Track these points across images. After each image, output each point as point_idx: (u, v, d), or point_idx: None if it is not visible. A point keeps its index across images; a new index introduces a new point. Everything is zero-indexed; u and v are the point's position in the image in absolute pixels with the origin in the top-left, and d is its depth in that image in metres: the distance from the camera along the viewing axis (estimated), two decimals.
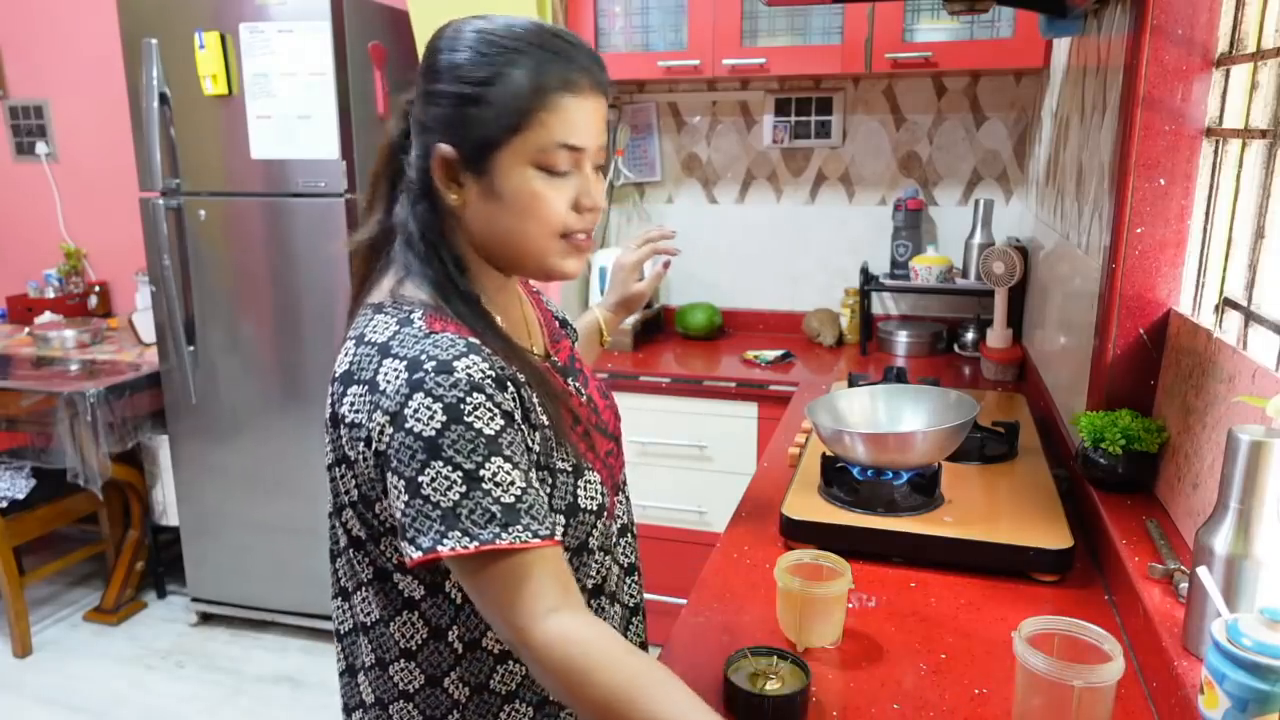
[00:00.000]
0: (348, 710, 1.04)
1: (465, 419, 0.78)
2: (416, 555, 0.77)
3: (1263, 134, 1.09)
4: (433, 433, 0.77)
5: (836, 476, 1.46)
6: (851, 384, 1.92)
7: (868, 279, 2.64)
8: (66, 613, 3.09)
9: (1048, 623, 0.93)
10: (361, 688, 0.99)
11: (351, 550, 0.92)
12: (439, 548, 0.76)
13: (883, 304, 2.92)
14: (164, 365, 2.77)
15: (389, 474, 0.79)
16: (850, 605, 1.15)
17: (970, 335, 2.61)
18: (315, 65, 2.43)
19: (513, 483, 0.79)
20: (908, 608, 1.18)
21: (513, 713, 0.93)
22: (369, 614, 0.93)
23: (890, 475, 1.39)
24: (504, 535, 0.77)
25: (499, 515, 0.77)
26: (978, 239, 2.61)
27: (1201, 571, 0.84)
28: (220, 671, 2.74)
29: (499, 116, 0.83)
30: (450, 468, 0.77)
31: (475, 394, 0.79)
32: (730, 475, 2.47)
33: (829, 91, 2.81)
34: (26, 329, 3.24)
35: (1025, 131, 2.68)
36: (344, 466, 0.86)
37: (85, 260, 3.60)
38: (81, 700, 2.61)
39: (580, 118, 0.85)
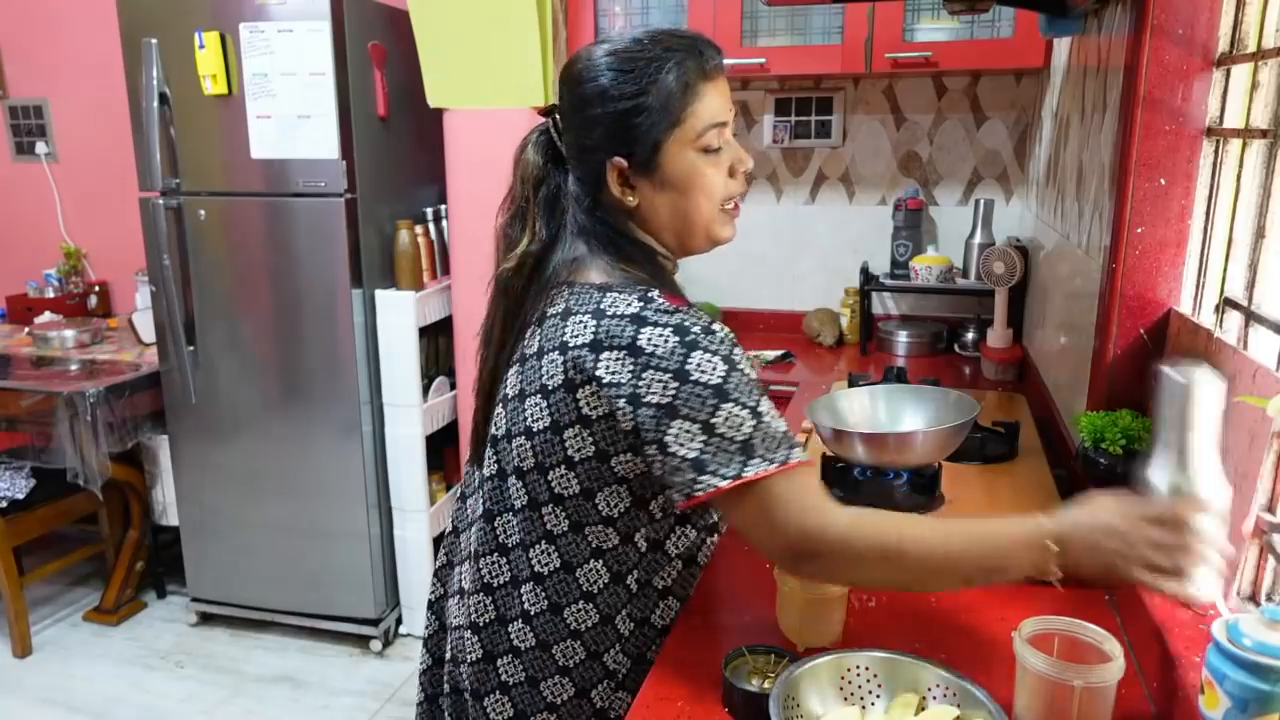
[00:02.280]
0: (490, 658, 1.10)
1: (739, 367, 0.92)
2: (724, 484, 0.89)
3: (1263, 134, 1.09)
4: (719, 380, 0.90)
5: (837, 476, 1.46)
6: (851, 384, 1.92)
7: (868, 279, 2.64)
8: (66, 613, 3.09)
9: (1048, 623, 0.93)
10: (515, 633, 1.08)
11: (549, 506, 1.03)
12: (745, 473, 0.89)
13: (883, 304, 2.92)
14: (164, 365, 2.77)
15: (675, 421, 0.90)
16: (850, 605, 1.14)
17: (970, 335, 2.61)
18: (315, 65, 2.43)
19: (777, 415, 0.93)
20: (908, 608, 1.18)
21: (662, 644, 1.08)
22: (547, 564, 1.05)
23: (890, 475, 1.39)
24: (792, 456, 0.90)
25: (783, 441, 0.91)
26: (978, 239, 2.61)
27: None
28: (220, 671, 2.74)
29: (658, 119, 0.97)
30: (739, 407, 0.90)
31: (738, 348, 0.94)
32: None
33: (829, 91, 2.81)
34: (26, 329, 3.24)
35: (1025, 131, 2.68)
36: (577, 427, 0.97)
37: (85, 260, 3.60)
38: (81, 700, 2.61)
39: (719, 99, 0.99)
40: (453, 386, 2.86)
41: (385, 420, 2.70)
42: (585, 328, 0.95)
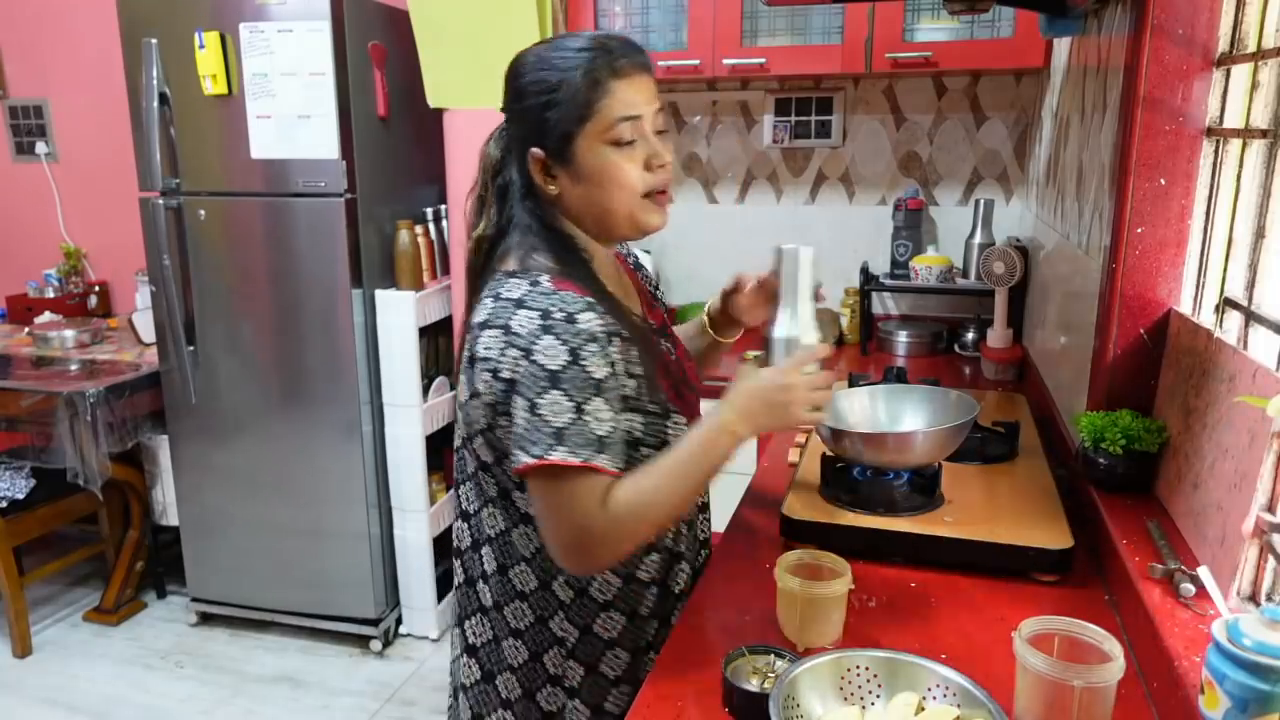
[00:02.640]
0: (461, 620, 1.21)
1: (582, 362, 0.98)
2: (529, 461, 0.97)
3: (1263, 134, 1.09)
4: (556, 368, 0.97)
5: (836, 476, 1.46)
6: (851, 384, 1.92)
7: (868, 279, 2.64)
8: (66, 613, 3.09)
9: (1048, 623, 0.93)
10: (480, 593, 1.17)
11: (480, 473, 1.12)
12: (548, 456, 0.96)
13: (883, 304, 2.92)
14: (164, 365, 2.77)
15: (514, 396, 0.99)
16: (850, 605, 1.14)
17: (970, 335, 2.61)
18: (315, 65, 2.43)
19: (604, 422, 0.99)
20: (908, 608, 1.18)
21: (607, 620, 1.13)
22: (494, 527, 1.14)
23: (890, 475, 1.39)
24: (596, 459, 0.98)
25: (595, 443, 0.98)
26: (978, 239, 2.61)
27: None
28: (220, 672, 2.74)
29: (568, 112, 1.03)
30: (565, 397, 0.97)
31: (591, 344, 0.99)
32: (730, 475, 2.45)
33: (829, 91, 2.81)
34: (26, 329, 3.24)
35: (1025, 131, 2.68)
36: (477, 398, 1.04)
37: (85, 260, 3.60)
38: (81, 700, 2.61)
39: (630, 94, 1.04)
40: (453, 386, 2.86)
41: (385, 420, 2.70)
42: (483, 309, 1.04)
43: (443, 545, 2.75)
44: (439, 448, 2.86)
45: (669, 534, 1.18)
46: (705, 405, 1.13)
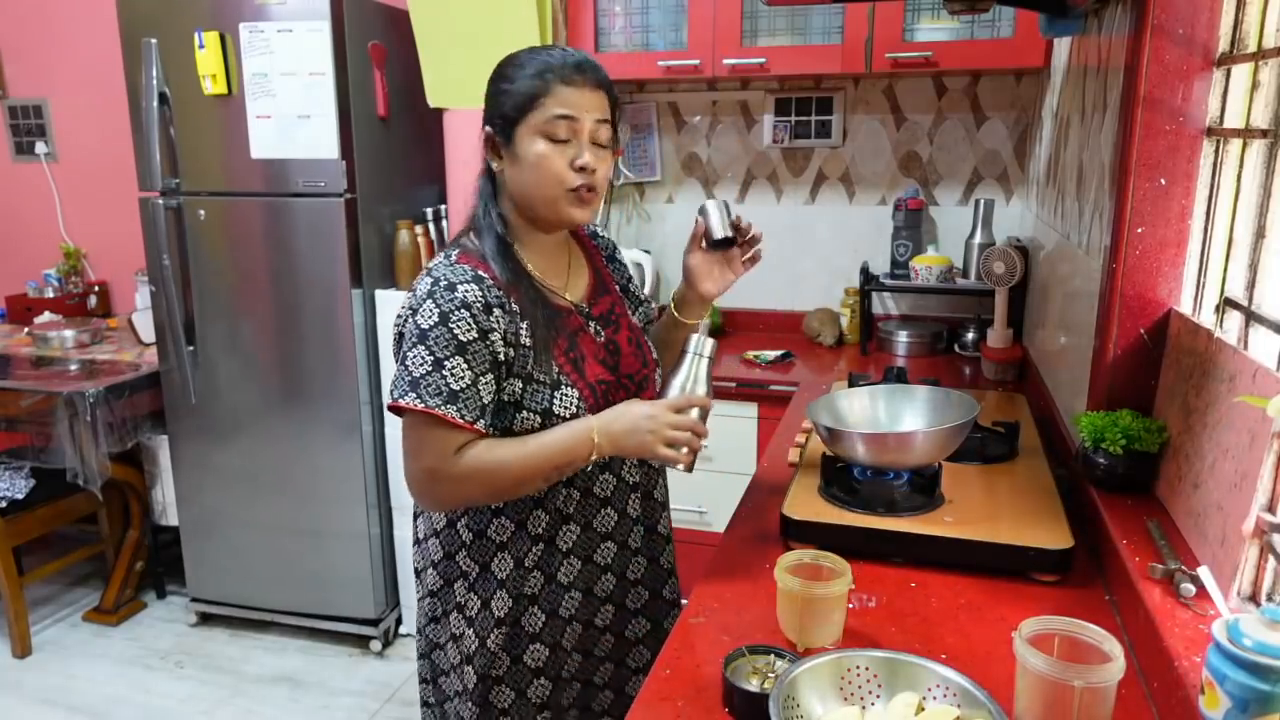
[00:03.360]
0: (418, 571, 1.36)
1: (449, 324, 1.13)
2: (389, 401, 1.15)
3: (1263, 134, 1.09)
4: (428, 326, 1.13)
5: (837, 476, 1.46)
6: (851, 384, 1.92)
7: (868, 279, 2.64)
8: (66, 613, 3.09)
9: (1048, 623, 0.93)
10: (419, 526, 1.35)
11: None
12: (401, 400, 1.13)
13: (883, 304, 2.92)
14: (164, 365, 2.77)
15: (399, 349, 1.17)
16: (850, 605, 1.14)
17: (970, 335, 2.61)
18: (315, 65, 2.43)
19: (462, 379, 1.13)
20: (908, 608, 1.18)
21: (502, 560, 1.25)
22: None
23: (890, 475, 1.39)
24: (448, 410, 1.12)
25: (449, 397, 1.12)
26: (978, 239, 2.61)
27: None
28: (220, 672, 2.74)
29: (516, 101, 1.17)
30: (428, 353, 1.13)
31: (462, 310, 1.13)
32: (730, 475, 2.47)
33: (829, 91, 2.81)
34: (26, 329, 3.24)
35: (1025, 131, 2.68)
36: None
37: (85, 260, 3.60)
38: (81, 700, 2.61)
39: (573, 99, 1.16)
40: None
41: (385, 420, 2.70)
42: (414, 295, 1.18)
43: None
44: None
45: (560, 495, 1.26)
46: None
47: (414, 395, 1.12)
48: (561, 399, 1.20)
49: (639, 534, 1.36)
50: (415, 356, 1.13)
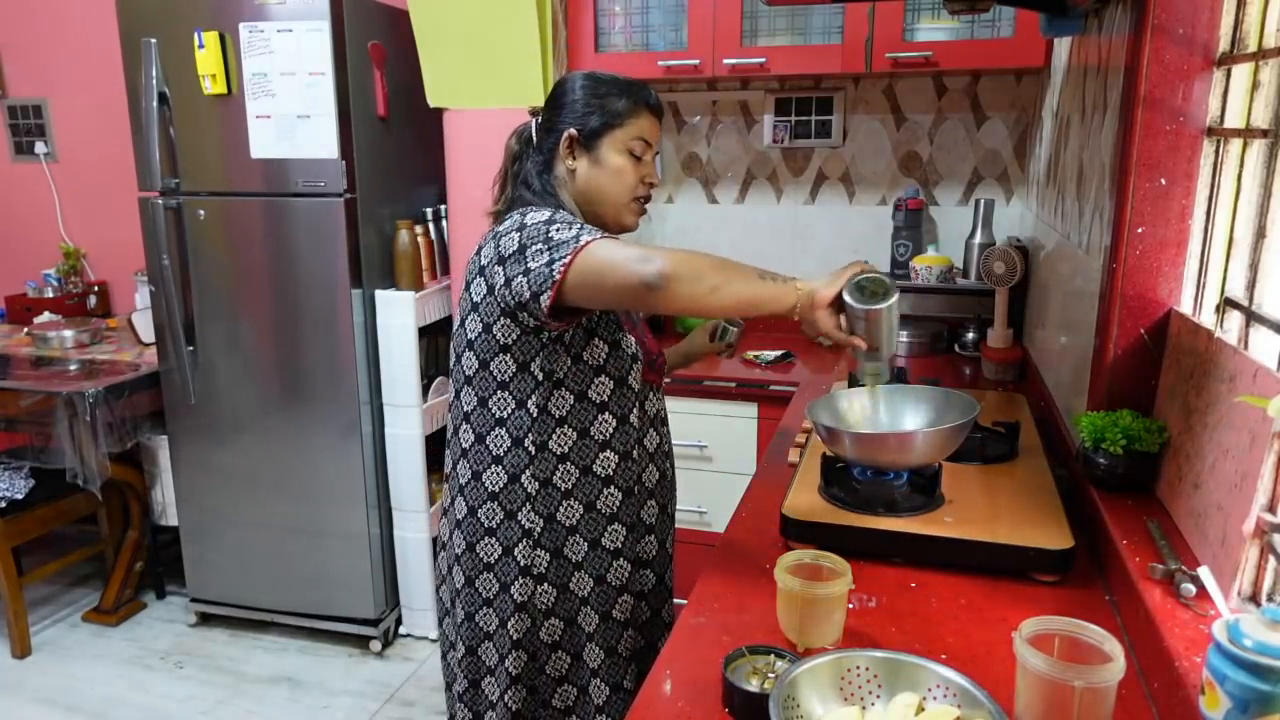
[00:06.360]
0: (451, 499, 1.44)
1: (571, 221, 1.24)
2: (565, 261, 1.16)
3: (1264, 133, 1.09)
4: (545, 217, 1.24)
5: (837, 476, 1.46)
6: (851, 384, 1.91)
7: None
8: (65, 613, 3.09)
9: (1048, 623, 0.93)
10: (459, 469, 1.41)
11: (468, 385, 1.36)
12: (580, 242, 1.17)
13: None
14: (163, 365, 2.76)
15: (526, 248, 1.21)
16: (850, 605, 1.14)
17: (971, 335, 2.61)
18: (315, 65, 2.43)
19: (596, 234, 1.21)
20: (908, 608, 1.18)
21: (569, 509, 1.36)
22: (501, 445, 1.36)
23: (890, 475, 1.39)
24: (605, 235, 1.22)
25: (599, 231, 1.22)
26: (978, 239, 2.61)
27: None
28: (219, 672, 2.74)
29: (608, 118, 1.34)
30: (561, 222, 1.23)
31: (561, 212, 1.27)
32: (730, 475, 2.47)
33: (829, 91, 2.81)
34: (26, 329, 3.24)
35: (1026, 131, 2.68)
36: (474, 314, 1.33)
37: (84, 260, 3.60)
38: (80, 701, 2.61)
39: (651, 127, 1.37)
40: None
41: (385, 420, 2.70)
42: (511, 225, 1.27)
43: None
44: (439, 448, 2.86)
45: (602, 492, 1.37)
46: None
47: (587, 235, 1.18)
48: (634, 372, 1.35)
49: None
50: (557, 230, 1.20)
